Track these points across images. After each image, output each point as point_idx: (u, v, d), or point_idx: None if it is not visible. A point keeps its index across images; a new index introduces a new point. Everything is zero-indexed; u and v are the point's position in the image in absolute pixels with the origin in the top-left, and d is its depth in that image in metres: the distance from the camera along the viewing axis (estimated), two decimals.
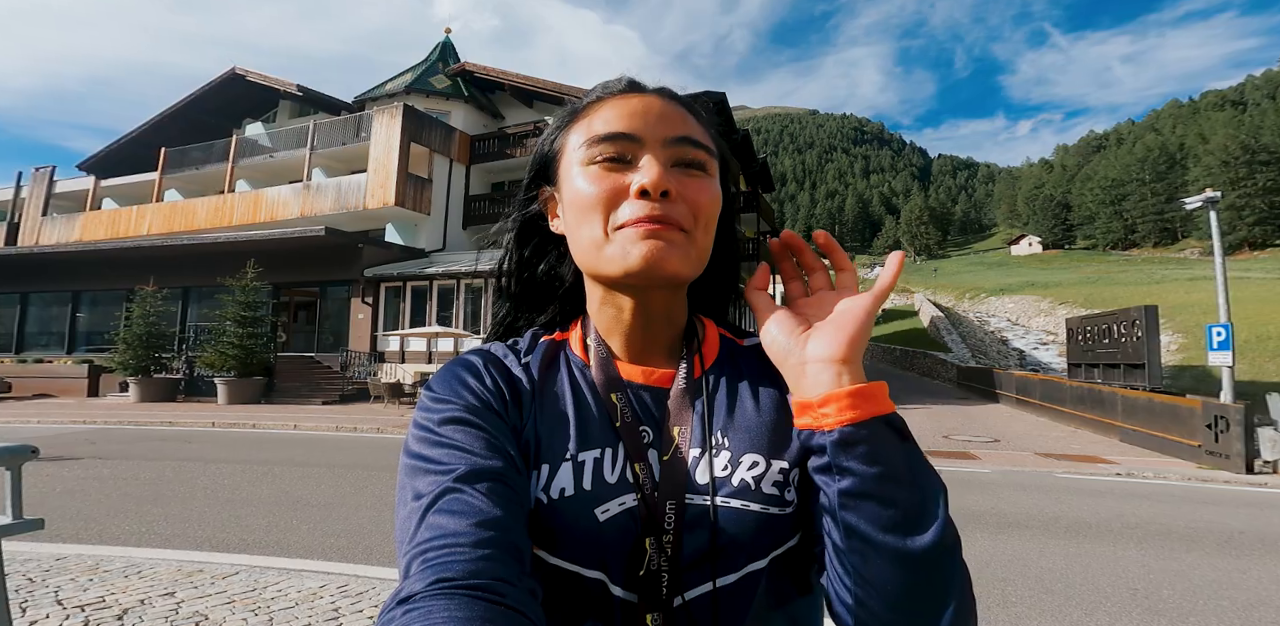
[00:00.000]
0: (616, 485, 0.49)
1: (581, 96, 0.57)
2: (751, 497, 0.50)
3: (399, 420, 10.68)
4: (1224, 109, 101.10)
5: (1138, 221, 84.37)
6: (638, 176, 0.50)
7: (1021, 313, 41.69)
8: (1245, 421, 7.07)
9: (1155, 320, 9.74)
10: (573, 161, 0.53)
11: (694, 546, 0.49)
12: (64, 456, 7.11)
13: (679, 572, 0.48)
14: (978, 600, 0.45)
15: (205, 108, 21.95)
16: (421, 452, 0.47)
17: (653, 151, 0.51)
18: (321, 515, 4.67)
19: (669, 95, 0.55)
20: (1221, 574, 3.60)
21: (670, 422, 0.53)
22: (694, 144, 0.53)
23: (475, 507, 0.42)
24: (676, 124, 0.53)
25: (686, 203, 0.51)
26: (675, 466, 0.50)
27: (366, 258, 16.05)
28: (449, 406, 0.50)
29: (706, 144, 0.54)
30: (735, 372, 0.57)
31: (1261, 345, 21.72)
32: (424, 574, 0.38)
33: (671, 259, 0.49)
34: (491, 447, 0.47)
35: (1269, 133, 73.84)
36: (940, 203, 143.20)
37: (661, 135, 0.52)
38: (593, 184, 0.51)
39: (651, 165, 0.50)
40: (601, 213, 0.51)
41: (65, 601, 2.84)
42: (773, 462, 0.51)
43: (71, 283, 18.82)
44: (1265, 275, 40.65)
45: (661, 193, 0.49)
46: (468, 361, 0.55)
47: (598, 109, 0.54)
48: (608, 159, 0.51)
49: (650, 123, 0.52)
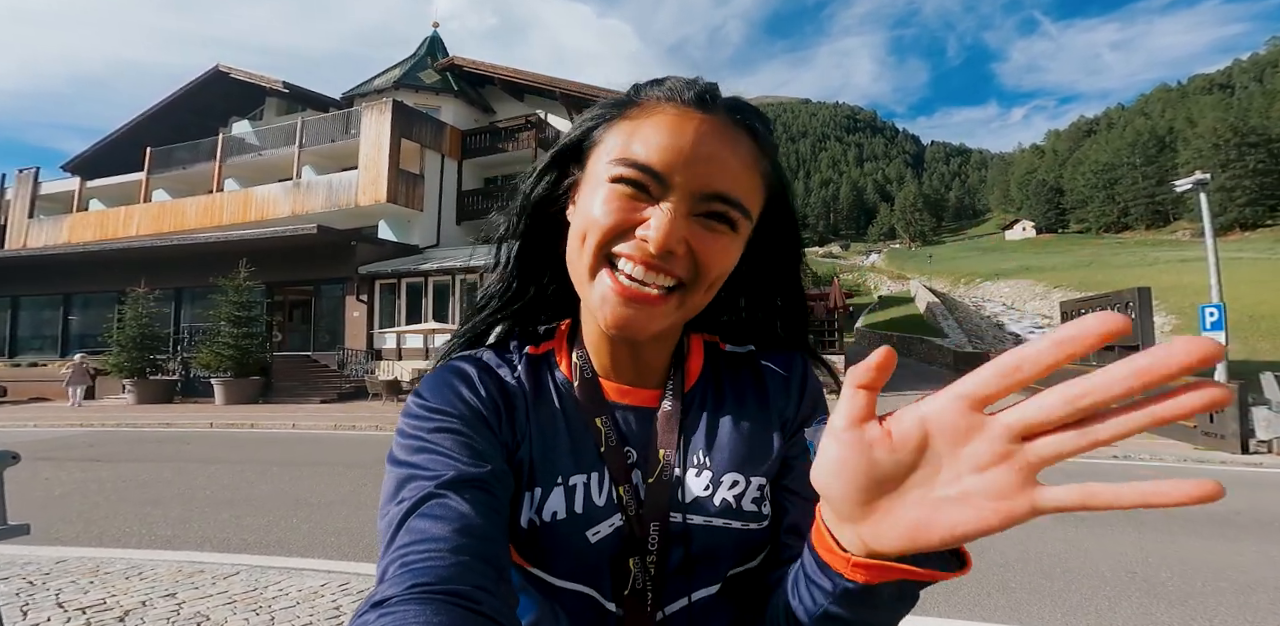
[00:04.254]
0: (605, 507, 0.51)
1: (640, 88, 0.51)
2: (733, 516, 0.52)
3: (397, 417, 10.68)
4: (1211, 93, 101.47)
5: (1130, 204, 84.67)
6: (650, 222, 0.46)
7: (1017, 297, 41.82)
8: (1240, 401, 7.12)
9: (1149, 302, 9.79)
10: (601, 166, 0.49)
11: (676, 563, 0.51)
12: (63, 459, 7.08)
13: (662, 589, 0.51)
14: (979, 585, 0.45)
15: (190, 107, 21.66)
16: (407, 459, 0.47)
17: (677, 200, 0.46)
18: (322, 514, 4.67)
19: (734, 115, 0.49)
20: (1218, 556, 3.63)
21: (655, 444, 0.53)
22: (727, 202, 0.47)
23: (458, 514, 0.42)
24: (719, 171, 0.47)
25: (695, 259, 0.47)
26: (659, 487, 0.52)
27: (360, 255, 15.96)
28: (440, 416, 0.50)
29: (743, 202, 0.48)
30: (718, 387, 0.57)
31: (1254, 325, 21.87)
32: (401, 578, 0.37)
33: (648, 326, 0.48)
34: (478, 456, 0.47)
35: (1256, 115, 74.08)
36: (934, 189, 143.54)
37: (695, 186, 0.46)
38: (605, 206, 0.48)
39: (666, 219, 0.46)
40: (599, 238, 0.48)
41: (66, 604, 2.83)
42: (751, 479, 0.53)
43: (62, 285, 18.66)
44: (1257, 255, 40.86)
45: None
46: (461, 370, 0.54)
47: (650, 116, 0.49)
48: (631, 183, 0.47)
49: (690, 164, 0.46)
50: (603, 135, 0.51)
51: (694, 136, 0.47)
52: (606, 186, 0.48)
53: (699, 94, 0.49)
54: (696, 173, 0.46)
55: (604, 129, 0.51)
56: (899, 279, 63.43)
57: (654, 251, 0.46)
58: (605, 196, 0.48)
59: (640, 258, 0.46)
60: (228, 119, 22.27)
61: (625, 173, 0.47)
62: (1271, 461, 6.64)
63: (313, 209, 17.79)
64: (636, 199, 0.47)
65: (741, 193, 0.48)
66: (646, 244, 0.46)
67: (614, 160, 0.48)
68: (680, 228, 0.46)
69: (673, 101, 0.49)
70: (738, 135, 0.49)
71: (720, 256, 0.48)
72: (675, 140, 0.47)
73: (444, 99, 20.14)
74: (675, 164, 0.46)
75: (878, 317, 38.30)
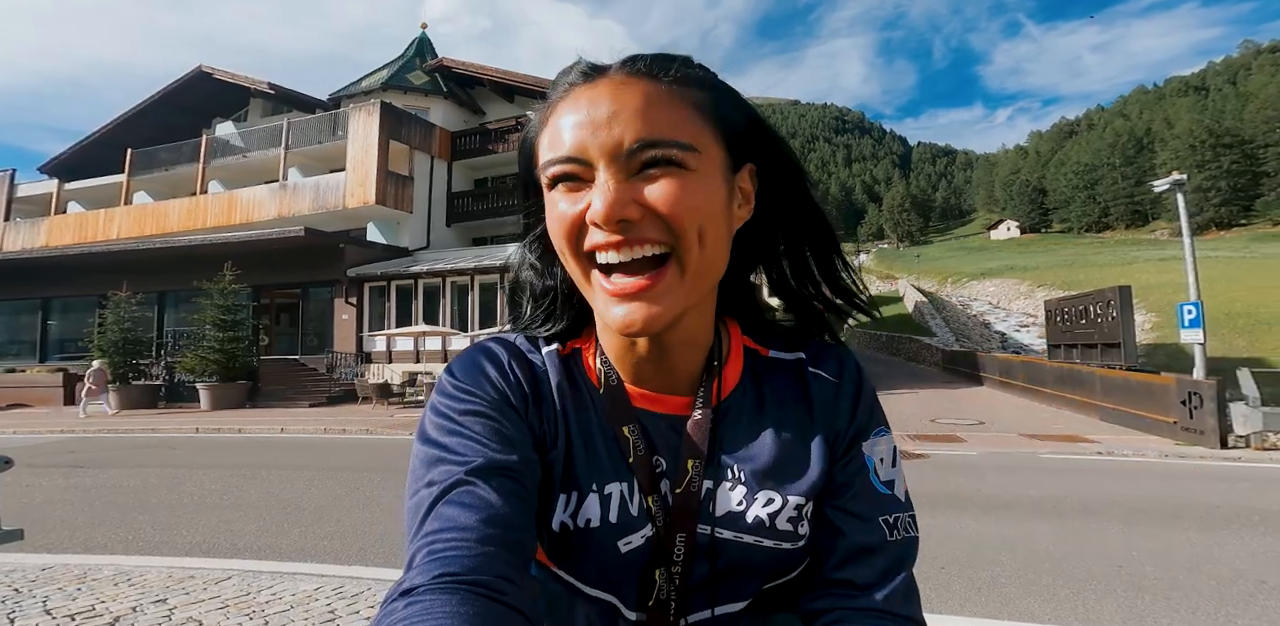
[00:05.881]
0: (639, 517, 0.50)
1: (549, 90, 0.50)
2: (765, 534, 0.50)
3: (388, 421, 10.59)
4: (1187, 95, 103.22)
5: (1110, 204, 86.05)
6: (592, 204, 0.44)
7: (1002, 296, 42.35)
8: (1218, 397, 7.26)
9: (1129, 300, 9.95)
10: (541, 178, 0.48)
11: (701, 576, 0.50)
12: (44, 466, 6.96)
13: (685, 599, 0.50)
14: (969, 582, 0.47)
15: (172, 107, 21.35)
16: (438, 440, 0.47)
17: (606, 169, 0.44)
18: (313, 518, 4.63)
19: (631, 70, 0.46)
20: (1201, 549, 3.71)
21: (685, 454, 0.51)
22: (656, 145, 0.43)
23: (486, 502, 0.42)
24: (630, 120, 0.43)
25: (659, 213, 0.43)
26: (686, 499, 0.50)
27: (349, 257, 15.83)
28: (471, 397, 0.49)
29: (676, 137, 0.44)
30: (756, 396, 0.54)
31: (1231, 322, 22.31)
32: (428, 566, 0.38)
33: (659, 315, 0.44)
34: (508, 443, 0.47)
35: (1231, 117, 75.64)
36: (921, 190, 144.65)
37: (613, 146, 0.43)
38: (554, 212, 0.46)
39: (601, 192, 0.43)
40: (569, 245, 0.46)
41: (54, 611, 2.78)
42: (789, 499, 0.50)
43: (40, 289, 18.32)
44: (1233, 254, 41.70)
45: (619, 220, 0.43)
46: (491, 351, 0.54)
47: (557, 111, 0.47)
48: (565, 179, 0.46)
49: (599, 131, 0.43)
50: (536, 150, 0.49)
51: (590, 102, 0.44)
52: (550, 195, 0.47)
53: (585, 70, 0.47)
54: (609, 134, 0.43)
55: (537, 138, 0.49)
56: (887, 279, 63.95)
57: (604, 224, 0.43)
58: (553, 203, 0.47)
59: (605, 242, 0.44)
60: (211, 120, 21.98)
61: (554, 172, 0.45)
62: (1249, 456, 6.77)
63: (300, 211, 17.61)
64: (575, 190, 0.45)
65: (671, 130, 0.44)
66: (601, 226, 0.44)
67: (540, 168, 0.47)
68: (620, 191, 0.43)
69: (565, 87, 0.47)
70: (636, 84, 0.45)
71: (683, 197, 0.43)
72: (577, 117, 0.44)
73: (433, 100, 20.03)
74: (585, 138, 0.44)
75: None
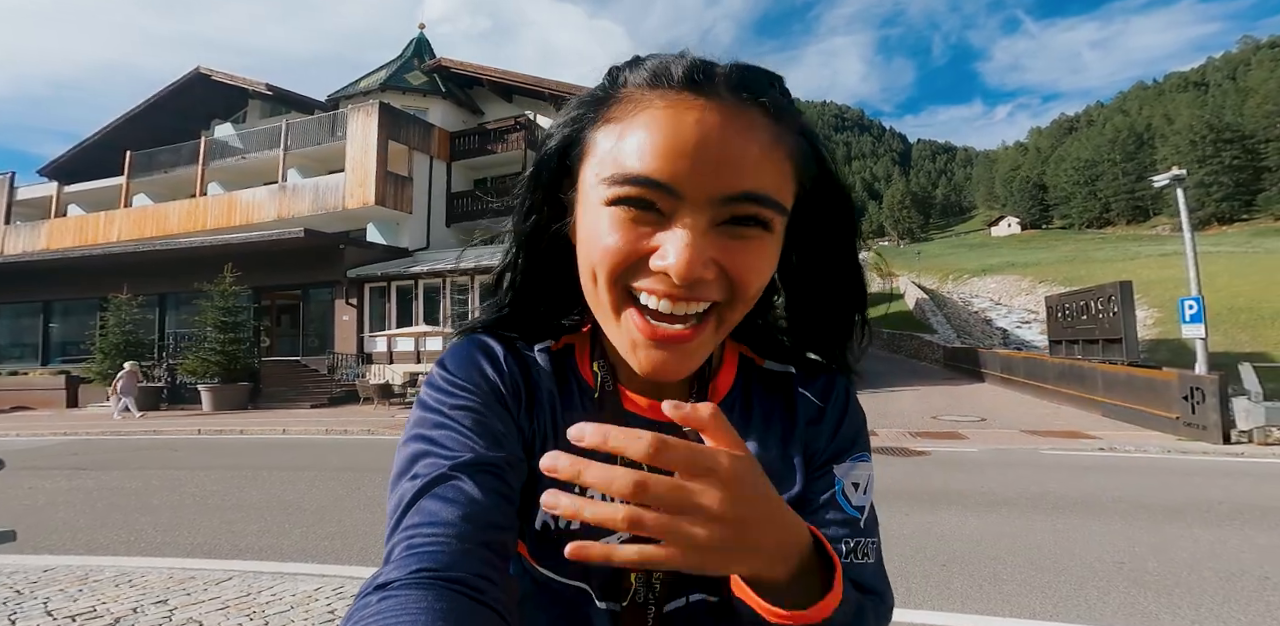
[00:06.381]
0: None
1: (616, 76, 0.44)
2: None
3: (390, 421, 10.59)
4: (1187, 90, 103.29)
5: (1111, 200, 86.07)
6: (664, 249, 0.39)
7: (1003, 292, 42.38)
8: (1220, 392, 7.24)
9: (1130, 295, 9.93)
10: (592, 186, 0.42)
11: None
12: (47, 468, 6.96)
13: (661, 589, 0.49)
14: (971, 578, 0.45)
15: (170, 109, 21.34)
16: (425, 433, 0.46)
17: (693, 213, 0.39)
18: (314, 519, 4.63)
19: (739, 93, 0.41)
20: (1202, 545, 3.70)
21: None
22: (755, 200, 0.39)
23: (469, 498, 0.41)
24: (737, 167, 0.39)
25: (729, 277, 0.41)
26: None
27: (349, 258, 15.83)
28: (463, 392, 0.48)
29: (779, 198, 0.41)
30: (746, 407, 0.54)
31: (1233, 317, 22.28)
32: (406, 561, 0.37)
33: (688, 365, 0.43)
34: (496, 440, 0.46)
35: (1231, 112, 75.56)
36: (921, 187, 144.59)
37: (712, 191, 0.39)
38: (609, 237, 0.41)
39: (685, 243, 0.39)
40: (609, 275, 0.42)
41: (55, 612, 2.79)
42: None
43: (42, 292, 18.34)
44: (1234, 249, 41.65)
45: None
46: (486, 345, 0.52)
47: (637, 113, 0.41)
48: (634, 203, 0.40)
49: (699, 167, 0.38)
50: (585, 144, 0.44)
51: (697, 131, 0.39)
52: (605, 212, 0.41)
53: (688, 73, 0.41)
54: (710, 176, 0.39)
55: (586, 136, 0.44)
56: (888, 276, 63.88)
57: (679, 283, 0.39)
58: (608, 225, 0.41)
59: (664, 291, 0.40)
60: (210, 122, 21.99)
61: (623, 192, 0.40)
62: (1252, 451, 6.76)
63: (299, 212, 17.62)
64: (643, 221, 0.40)
65: (770, 185, 0.40)
66: (668, 276, 0.39)
67: (606, 179, 0.41)
68: (704, 248, 0.39)
69: (659, 89, 0.41)
70: (751, 116, 0.41)
71: (758, 267, 0.42)
72: (674, 140, 0.39)
73: (432, 100, 20.02)
74: (681, 170, 0.39)
75: (869, 315, 38.59)
